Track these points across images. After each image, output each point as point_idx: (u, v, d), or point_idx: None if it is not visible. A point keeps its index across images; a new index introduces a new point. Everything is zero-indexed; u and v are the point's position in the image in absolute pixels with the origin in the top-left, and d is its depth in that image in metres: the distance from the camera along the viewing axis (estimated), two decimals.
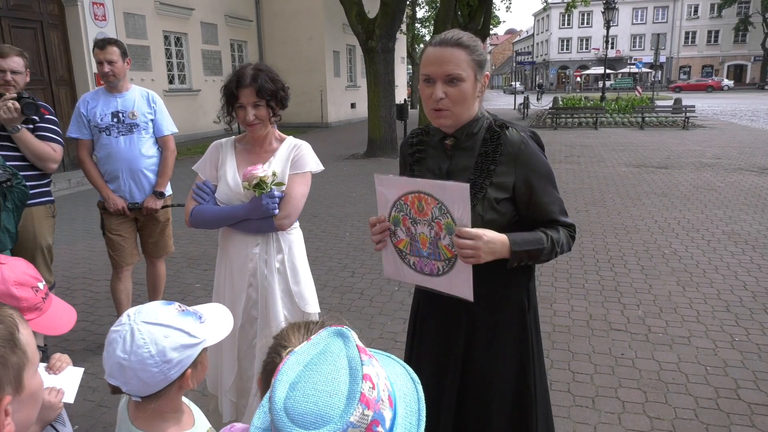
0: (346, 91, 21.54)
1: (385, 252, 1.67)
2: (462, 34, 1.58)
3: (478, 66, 1.56)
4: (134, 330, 1.10)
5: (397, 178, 1.58)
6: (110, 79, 3.33)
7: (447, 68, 1.52)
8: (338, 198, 8.13)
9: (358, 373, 0.78)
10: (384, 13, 11.94)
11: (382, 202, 1.62)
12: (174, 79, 15.15)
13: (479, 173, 1.58)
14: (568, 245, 1.64)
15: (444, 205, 1.45)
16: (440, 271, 1.54)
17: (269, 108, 2.16)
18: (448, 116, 1.57)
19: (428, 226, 1.52)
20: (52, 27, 9.97)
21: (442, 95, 1.53)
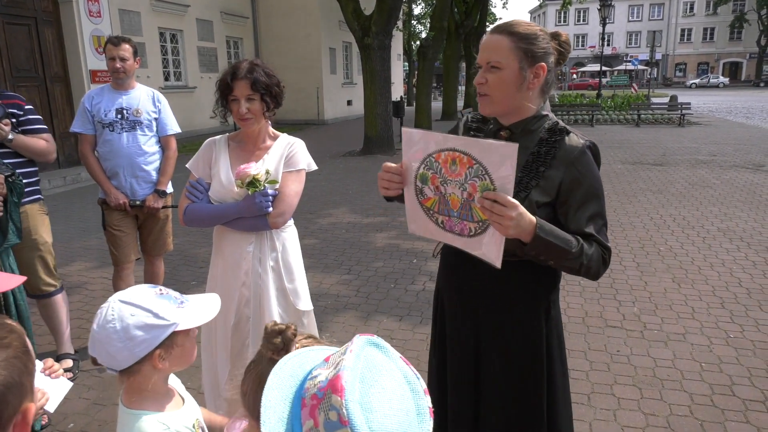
0: (342, 88, 21.51)
1: (409, 207, 1.58)
2: (517, 22, 1.54)
3: (525, 55, 1.49)
4: (109, 306, 1.19)
5: (431, 133, 1.47)
6: (120, 75, 3.34)
7: (487, 54, 1.51)
8: (334, 195, 8.12)
9: (417, 387, 0.76)
10: (380, 9, 11.91)
11: (408, 158, 1.52)
12: (170, 76, 15.09)
13: (527, 172, 1.52)
14: (597, 267, 1.51)
15: (483, 166, 1.35)
16: (472, 232, 1.44)
17: (263, 102, 2.15)
18: (487, 102, 1.55)
19: (460, 188, 1.41)
20: (47, 24, 9.91)
21: (482, 80, 1.52)
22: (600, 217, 1.53)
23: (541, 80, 1.53)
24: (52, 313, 3.21)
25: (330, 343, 1.08)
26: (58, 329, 3.25)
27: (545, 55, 1.52)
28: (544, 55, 1.52)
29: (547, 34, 1.56)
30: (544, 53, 1.52)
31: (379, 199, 7.41)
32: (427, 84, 16.25)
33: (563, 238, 1.45)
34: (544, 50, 1.52)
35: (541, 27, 1.57)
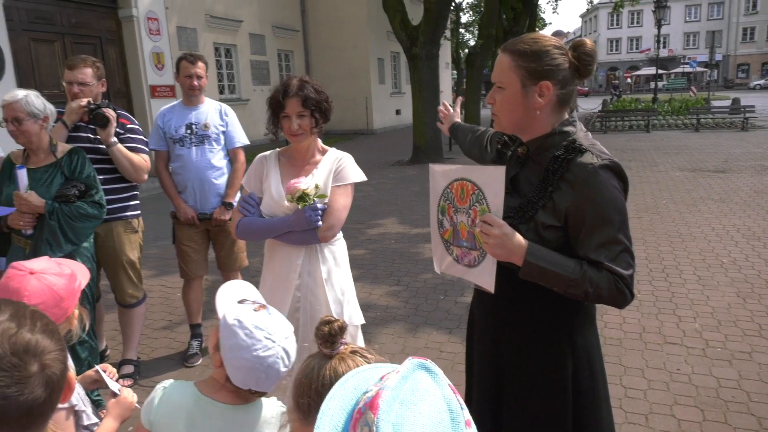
0: (390, 98, 21.63)
1: (433, 243, 1.63)
2: (522, 38, 1.47)
3: (527, 73, 1.42)
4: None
5: (447, 166, 1.54)
6: (195, 92, 3.46)
7: (494, 74, 1.50)
8: (383, 205, 8.15)
9: (459, 417, 0.75)
10: (427, 19, 11.94)
11: (433, 193, 1.59)
12: (224, 89, 15.55)
13: (536, 192, 1.46)
14: (611, 295, 1.39)
15: (481, 191, 1.41)
16: (476, 262, 1.48)
17: (313, 118, 2.19)
18: (497, 122, 1.55)
19: (466, 214, 1.47)
20: (110, 42, 10.42)
21: (491, 100, 1.52)
22: (615, 243, 1.39)
23: (547, 98, 1.44)
24: (129, 321, 3.37)
25: (377, 356, 1.10)
26: (129, 337, 3.40)
27: (552, 71, 1.42)
28: (550, 72, 1.42)
29: (561, 47, 1.45)
30: (551, 70, 1.42)
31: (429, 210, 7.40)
32: (475, 92, 16.15)
33: (560, 263, 1.38)
34: (550, 67, 1.42)
35: (556, 40, 1.47)
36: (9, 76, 8.19)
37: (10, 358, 0.83)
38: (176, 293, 4.78)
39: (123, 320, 3.39)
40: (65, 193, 2.65)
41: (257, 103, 16.15)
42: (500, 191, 1.37)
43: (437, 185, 1.57)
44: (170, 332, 4.03)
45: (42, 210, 2.59)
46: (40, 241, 2.61)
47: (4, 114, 2.63)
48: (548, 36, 1.49)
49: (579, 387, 1.53)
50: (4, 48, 8.11)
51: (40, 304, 1.44)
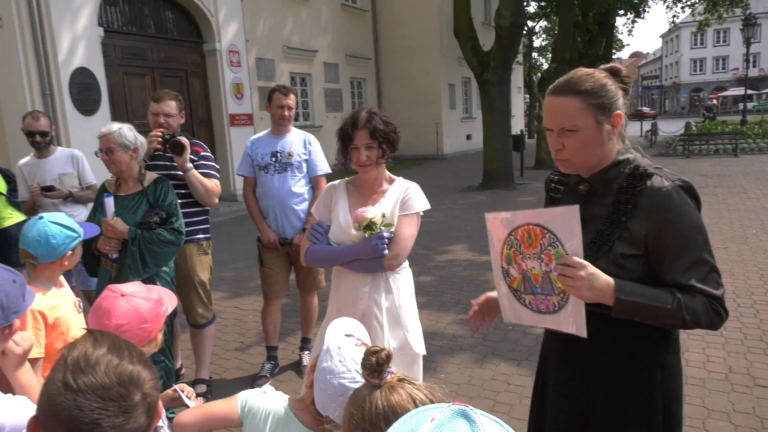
0: (461, 123, 21.63)
1: (500, 295, 1.58)
2: (577, 76, 1.47)
3: (598, 109, 1.43)
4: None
5: (506, 213, 1.50)
6: (284, 122, 3.64)
7: (559, 119, 1.45)
8: (452, 231, 8.10)
9: None
10: (499, 45, 11.91)
11: (494, 242, 1.55)
12: (299, 116, 16.09)
13: (609, 224, 1.44)
14: (708, 319, 1.38)
15: (553, 234, 1.37)
16: (556, 307, 1.43)
17: (381, 149, 2.23)
18: (569, 165, 1.51)
19: (538, 260, 1.42)
20: (195, 75, 11.09)
21: (559, 146, 1.47)
22: (701, 263, 1.38)
23: (620, 127, 1.47)
24: (200, 342, 3.51)
25: (430, 390, 1.11)
26: (201, 357, 3.54)
27: (617, 100, 1.45)
28: (616, 101, 1.45)
29: (608, 75, 1.48)
30: (615, 98, 1.45)
31: None
32: None
33: (652, 295, 1.35)
34: (614, 95, 1.45)
35: (599, 69, 1.49)
36: (104, 106, 8.86)
37: (117, 389, 0.89)
38: (249, 315, 4.95)
39: (194, 340, 3.54)
40: (147, 220, 2.82)
41: (330, 129, 16.60)
42: (577, 232, 1.32)
43: (498, 234, 1.53)
44: (242, 354, 4.16)
45: (126, 236, 2.77)
46: (124, 265, 2.79)
47: (99, 144, 2.85)
48: (592, 69, 1.50)
49: (669, 410, 1.51)
50: (100, 82, 8.79)
51: (125, 324, 1.54)
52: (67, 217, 2.20)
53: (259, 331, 4.33)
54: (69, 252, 2.15)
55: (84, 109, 8.50)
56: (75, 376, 0.89)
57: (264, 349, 3.88)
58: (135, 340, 1.51)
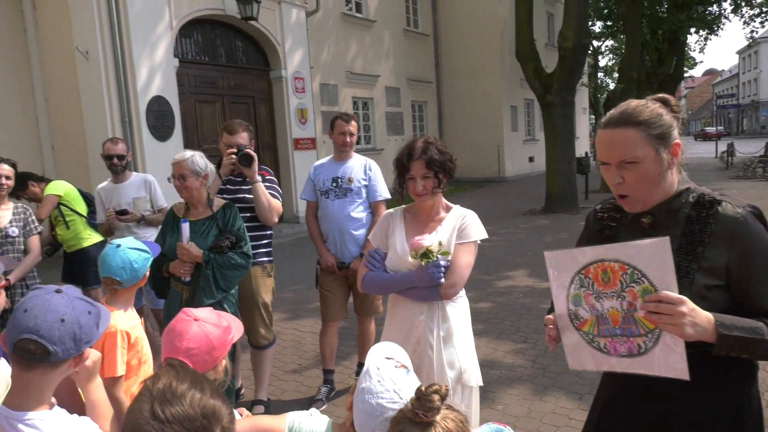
0: (523, 145, 21.34)
1: (566, 340, 1.47)
2: (631, 108, 1.44)
3: (658, 140, 1.40)
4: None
5: (571, 251, 1.41)
6: (346, 148, 3.75)
7: (618, 152, 1.42)
8: (512, 256, 7.96)
9: None
10: (562, 66, 11.74)
11: (557, 283, 1.45)
12: (360, 140, 16.37)
13: (684, 256, 1.38)
14: None
15: (637, 270, 1.27)
16: (642, 349, 1.32)
17: (437, 179, 2.25)
18: (631, 201, 1.46)
19: (618, 298, 1.32)
20: (262, 101, 11.52)
21: (619, 180, 1.43)
22: None
23: (679, 157, 1.44)
24: (260, 363, 3.60)
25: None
26: (260, 378, 3.62)
27: (673, 129, 1.42)
28: (673, 130, 1.42)
29: (661, 104, 1.46)
30: (672, 128, 1.42)
31: None
32: None
33: (750, 327, 1.28)
34: (670, 125, 1.42)
35: (650, 100, 1.47)
36: (177, 132, 9.33)
37: (201, 421, 0.95)
38: (308, 337, 5.02)
39: (255, 361, 3.62)
40: (219, 244, 2.94)
41: (391, 152, 16.77)
42: (669, 265, 1.24)
43: (561, 273, 1.43)
44: (299, 376, 4.22)
45: (200, 259, 2.89)
46: (197, 287, 2.91)
47: (172, 171, 3.01)
48: (643, 100, 1.48)
49: None
50: (174, 109, 9.28)
51: (195, 349, 1.61)
52: (135, 240, 2.33)
53: (316, 354, 4.39)
54: (147, 273, 2.28)
55: (159, 135, 8.99)
56: (162, 406, 0.95)
57: (321, 372, 3.92)
58: (202, 365, 1.58)
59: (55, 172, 9.31)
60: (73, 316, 1.34)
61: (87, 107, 8.75)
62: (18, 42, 9.24)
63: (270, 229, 3.59)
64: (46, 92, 9.42)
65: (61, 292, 1.37)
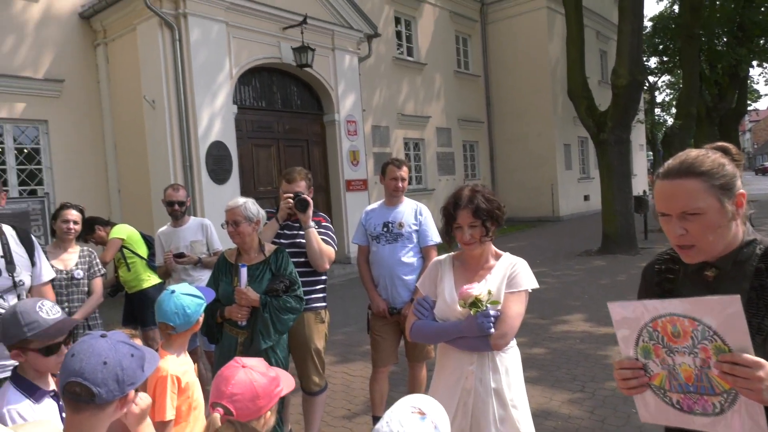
0: (578, 184, 20.91)
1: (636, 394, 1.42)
2: (692, 158, 1.41)
3: (721, 190, 1.36)
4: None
5: (637, 303, 1.36)
6: (398, 193, 3.81)
7: (679, 204, 1.38)
8: (568, 299, 7.72)
9: None
10: (615, 104, 11.54)
11: (624, 334, 1.40)
12: (412, 180, 16.48)
13: (756, 311, 1.32)
14: None
15: (708, 327, 1.22)
16: (718, 409, 1.26)
17: (484, 227, 2.23)
18: (694, 253, 1.40)
19: (690, 354, 1.27)
20: (315, 144, 11.84)
21: (681, 232, 1.38)
22: None
23: (744, 207, 1.40)
24: (311, 409, 3.59)
25: None
26: (311, 423, 3.61)
27: (736, 179, 1.38)
28: (736, 179, 1.38)
29: (722, 154, 1.42)
30: (735, 177, 1.38)
31: None
32: None
33: None
34: (733, 175, 1.38)
35: (710, 149, 1.43)
36: (234, 175, 9.68)
37: None
38: (357, 382, 4.99)
39: (305, 407, 3.61)
40: (274, 288, 3.00)
41: (443, 192, 16.78)
42: (741, 324, 1.19)
43: (628, 324, 1.39)
44: (349, 422, 4.18)
45: (257, 304, 2.95)
46: (254, 331, 2.96)
47: (226, 217, 3.11)
48: (703, 149, 1.44)
49: None
50: (232, 153, 9.65)
51: (239, 395, 1.63)
52: (190, 285, 2.40)
53: (366, 399, 4.34)
54: (200, 318, 2.35)
55: (217, 179, 9.34)
56: None
57: (371, 419, 3.87)
58: (245, 413, 1.60)
59: (120, 214, 9.79)
60: (116, 358, 1.39)
61: (152, 153, 9.22)
62: (92, 93, 9.91)
63: (324, 274, 3.62)
64: (115, 139, 10.01)
65: (105, 337, 1.45)
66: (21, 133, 9.17)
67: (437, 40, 17.34)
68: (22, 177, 9.13)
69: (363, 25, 12.26)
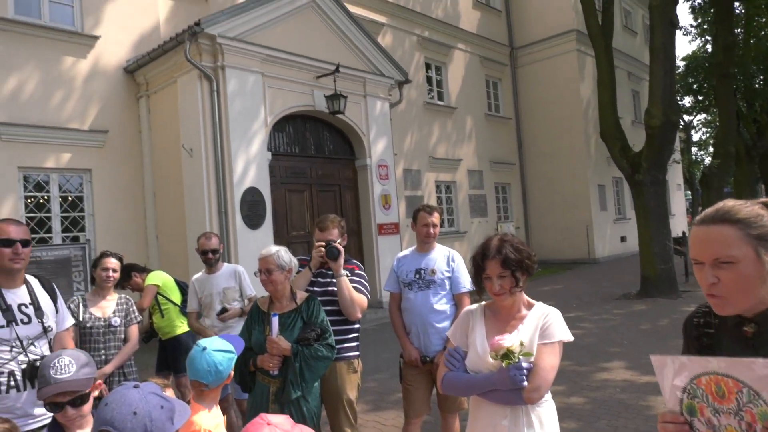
0: (614, 224, 20.53)
1: None
2: (728, 206, 1.39)
3: (758, 240, 1.32)
4: None
5: (680, 358, 1.32)
6: (429, 240, 3.80)
7: (713, 251, 1.35)
8: (607, 345, 7.47)
9: None
10: (650, 145, 11.39)
11: (668, 388, 1.36)
12: (444, 223, 16.46)
13: None
14: None
15: (753, 390, 1.18)
16: None
17: (514, 278, 2.20)
18: (724, 304, 1.36)
19: (735, 417, 1.23)
20: (347, 189, 11.99)
21: (713, 280, 1.34)
22: None
23: None
24: None
25: None
26: None
27: None
28: None
29: (763, 206, 1.37)
30: None
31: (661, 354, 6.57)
32: None
33: None
34: None
35: (750, 202, 1.39)
36: (268, 220, 9.83)
37: None
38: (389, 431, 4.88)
39: None
40: (306, 336, 2.99)
41: (475, 234, 16.70)
42: None
43: (673, 379, 1.35)
44: None
45: (288, 353, 2.95)
46: (286, 380, 2.95)
47: (259, 265, 3.15)
48: (742, 200, 1.41)
49: None
50: (266, 198, 9.84)
51: None
52: (221, 340, 2.42)
53: None
54: (231, 372, 2.36)
55: (251, 224, 9.51)
56: None
57: None
58: None
59: (158, 259, 10.02)
60: (146, 410, 1.42)
61: (188, 199, 9.48)
62: (134, 143, 10.32)
63: (357, 323, 3.60)
64: (154, 187, 10.34)
65: (138, 387, 1.48)
66: (66, 181, 9.57)
67: (467, 84, 17.59)
68: (66, 224, 9.47)
69: (394, 72, 12.54)
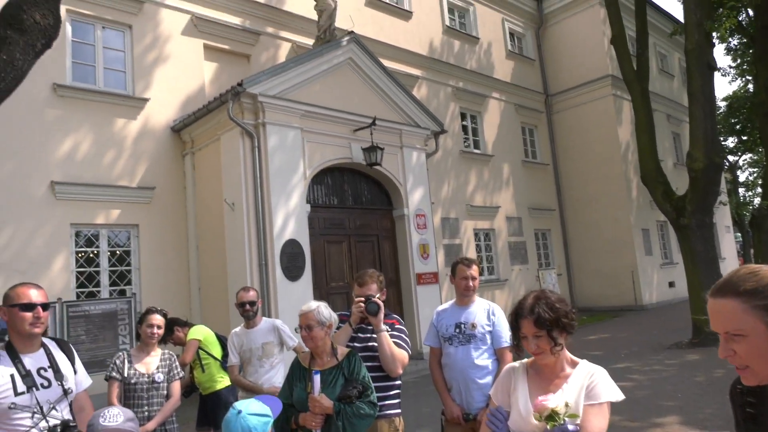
0: (661, 269, 19.84)
1: None
2: (738, 275, 1.34)
3: (766, 311, 1.26)
4: None
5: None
6: (469, 293, 3.76)
7: (722, 325, 1.31)
8: (659, 399, 7.11)
9: None
10: (694, 188, 11.11)
11: None
12: (483, 271, 16.23)
13: None
14: None
15: None
16: None
17: (551, 338, 2.14)
18: (749, 374, 1.31)
19: None
20: (385, 238, 12.03)
21: (728, 353, 1.31)
22: None
23: None
24: None
25: None
26: None
27: None
28: None
29: None
30: None
31: (718, 408, 6.22)
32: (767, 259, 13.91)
33: None
34: None
35: (760, 264, 1.32)
36: (307, 272, 9.91)
37: None
38: None
39: None
40: (348, 394, 2.96)
41: (515, 282, 16.40)
42: None
43: None
44: None
45: (331, 411, 2.92)
46: None
47: (299, 321, 3.17)
48: (759, 266, 1.34)
49: None
50: (305, 250, 9.95)
51: None
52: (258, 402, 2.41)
53: None
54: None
55: (291, 276, 9.60)
56: None
57: None
58: None
59: (200, 313, 10.17)
60: None
61: (230, 252, 9.67)
62: (179, 198, 10.69)
63: (398, 379, 3.54)
64: (198, 241, 10.61)
65: None
66: (114, 236, 9.93)
67: (503, 132, 17.66)
68: (113, 278, 9.76)
69: (430, 123, 12.73)
